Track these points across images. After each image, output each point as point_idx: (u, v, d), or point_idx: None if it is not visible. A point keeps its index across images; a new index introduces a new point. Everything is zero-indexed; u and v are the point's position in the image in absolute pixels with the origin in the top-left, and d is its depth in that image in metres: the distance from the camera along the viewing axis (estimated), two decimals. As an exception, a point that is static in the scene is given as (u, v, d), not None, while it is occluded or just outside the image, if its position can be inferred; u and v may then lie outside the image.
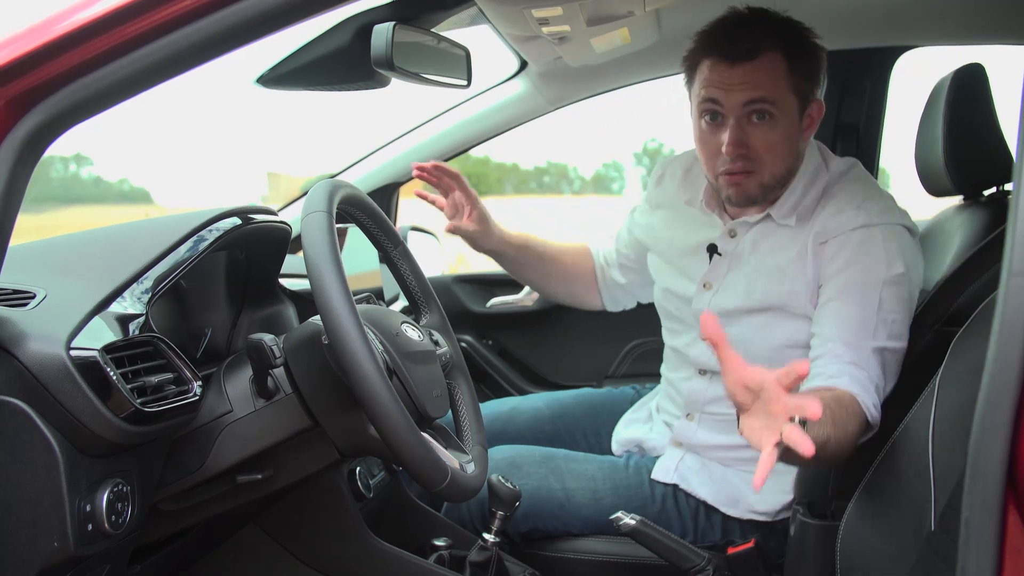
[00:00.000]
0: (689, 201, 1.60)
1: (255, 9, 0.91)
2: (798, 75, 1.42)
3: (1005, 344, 0.73)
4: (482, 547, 1.41)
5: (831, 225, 1.42)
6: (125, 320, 1.07)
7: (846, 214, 1.42)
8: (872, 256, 1.37)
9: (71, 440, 0.96)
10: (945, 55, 2.01)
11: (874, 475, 1.24)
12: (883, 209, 1.42)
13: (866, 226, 1.40)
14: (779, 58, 1.40)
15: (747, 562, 1.43)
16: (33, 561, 0.94)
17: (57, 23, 0.91)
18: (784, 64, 1.41)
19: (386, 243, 1.34)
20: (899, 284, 1.36)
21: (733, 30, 1.42)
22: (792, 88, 1.41)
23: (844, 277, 1.38)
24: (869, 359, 1.31)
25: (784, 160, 1.44)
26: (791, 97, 1.42)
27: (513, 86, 2.12)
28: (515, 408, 1.86)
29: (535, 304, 2.36)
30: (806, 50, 1.44)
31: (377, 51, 1.23)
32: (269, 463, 1.19)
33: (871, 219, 1.40)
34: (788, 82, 1.41)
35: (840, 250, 1.40)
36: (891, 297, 1.35)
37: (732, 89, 1.40)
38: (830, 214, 1.44)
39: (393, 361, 1.15)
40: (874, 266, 1.36)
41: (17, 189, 0.91)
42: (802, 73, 1.42)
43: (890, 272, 1.36)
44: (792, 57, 1.41)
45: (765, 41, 1.40)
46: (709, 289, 1.54)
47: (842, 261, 1.39)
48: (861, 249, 1.38)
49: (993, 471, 0.73)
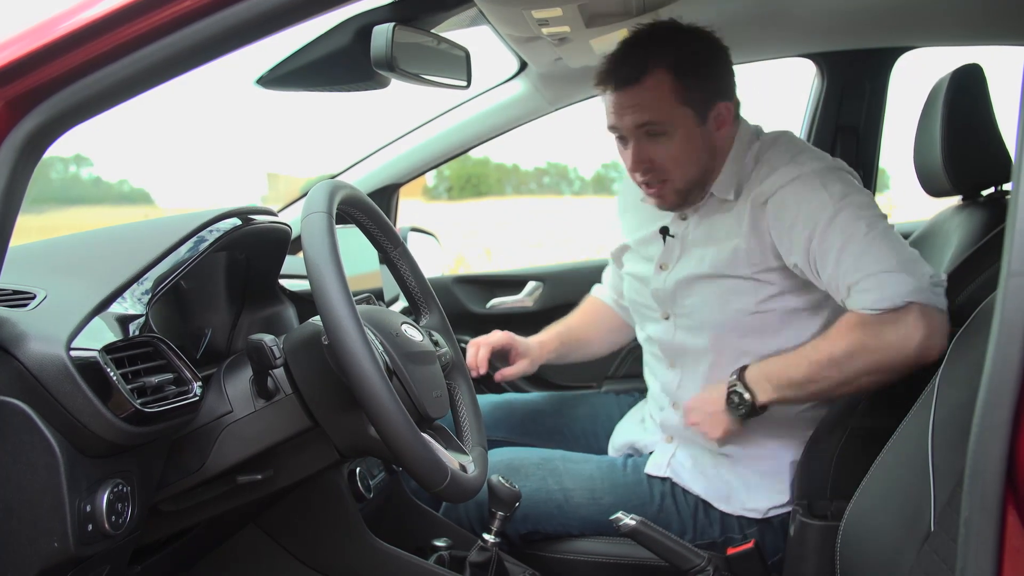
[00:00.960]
0: (644, 198, 1.62)
1: (255, 10, 0.91)
2: (688, 88, 1.45)
3: (1004, 344, 0.73)
4: (482, 548, 1.41)
5: (766, 185, 1.46)
6: (125, 320, 1.07)
7: (778, 171, 1.45)
8: (816, 199, 1.40)
9: (71, 440, 0.95)
10: (944, 56, 2.01)
11: (873, 475, 1.24)
12: (814, 158, 1.46)
13: (799, 177, 1.43)
14: (665, 76, 1.44)
15: (747, 562, 1.43)
16: (33, 561, 0.94)
17: (57, 24, 0.92)
18: (670, 81, 1.44)
19: (386, 244, 1.34)
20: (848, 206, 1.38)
21: (621, 55, 1.48)
22: (683, 101, 1.45)
23: (797, 232, 1.41)
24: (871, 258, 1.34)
25: (694, 165, 1.50)
26: (683, 109, 1.46)
27: (513, 87, 2.12)
28: (513, 401, 1.87)
29: (535, 305, 2.36)
30: (698, 60, 1.46)
31: (377, 52, 1.23)
32: (269, 464, 1.18)
33: (803, 170, 1.43)
34: (677, 97, 1.45)
35: (782, 205, 1.43)
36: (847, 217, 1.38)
37: (624, 113, 1.47)
38: (763, 176, 1.47)
39: (393, 362, 1.15)
40: (821, 204, 1.39)
41: (17, 190, 0.91)
42: (693, 85, 1.45)
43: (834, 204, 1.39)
44: (680, 71, 1.44)
45: (650, 61, 1.44)
46: (665, 270, 1.59)
47: (790, 217, 1.42)
48: (802, 197, 1.41)
49: (993, 471, 0.73)
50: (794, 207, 1.41)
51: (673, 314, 1.59)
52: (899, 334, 1.32)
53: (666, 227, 1.60)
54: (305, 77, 1.35)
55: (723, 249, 1.49)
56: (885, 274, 1.33)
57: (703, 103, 1.47)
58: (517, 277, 2.42)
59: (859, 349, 1.35)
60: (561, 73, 2.01)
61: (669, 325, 1.60)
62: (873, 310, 1.33)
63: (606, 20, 1.59)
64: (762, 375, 1.45)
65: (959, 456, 0.79)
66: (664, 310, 1.61)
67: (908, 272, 1.33)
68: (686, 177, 1.50)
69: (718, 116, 1.49)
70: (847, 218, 1.38)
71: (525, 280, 2.40)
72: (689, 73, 1.45)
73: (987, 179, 1.67)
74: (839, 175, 1.44)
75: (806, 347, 1.43)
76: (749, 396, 1.44)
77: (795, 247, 1.42)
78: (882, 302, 1.33)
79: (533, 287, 2.38)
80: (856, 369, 1.37)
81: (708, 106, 1.47)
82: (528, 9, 1.46)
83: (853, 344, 1.35)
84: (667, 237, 1.59)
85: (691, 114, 1.46)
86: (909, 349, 1.32)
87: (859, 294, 1.35)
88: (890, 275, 1.33)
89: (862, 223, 1.37)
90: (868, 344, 1.34)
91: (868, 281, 1.34)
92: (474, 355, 1.71)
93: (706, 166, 1.51)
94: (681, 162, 1.48)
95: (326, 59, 1.33)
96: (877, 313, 1.33)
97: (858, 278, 1.35)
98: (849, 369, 1.37)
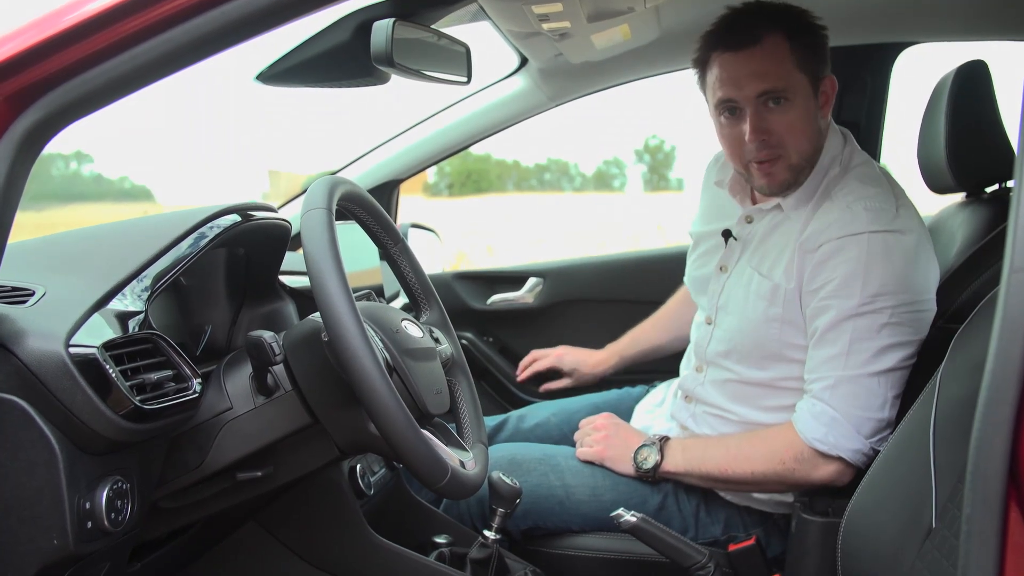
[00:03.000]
0: (719, 182, 1.63)
1: (255, 5, 0.91)
2: (803, 53, 1.44)
3: (1006, 340, 0.73)
4: (483, 544, 1.40)
5: (817, 228, 1.43)
6: (124, 317, 1.06)
7: (833, 215, 1.42)
8: (850, 284, 1.37)
9: (70, 437, 0.95)
10: (947, 51, 2.01)
11: (875, 471, 1.24)
12: (872, 215, 1.40)
13: (849, 236, 1.39)
14: (781, 39, 1.43)
15: (748, 559, 1.43)
16: (33, 559, 0.94)
17: (56, 20, 0.91)
18: (787, 44, 1.43)
19: (386, 240, 1.34)
20: (872, 312, 1.37)
21: (732, 23, 1.46)
22: (799, 67, 1.44)
23: (823, 306, 1.40)
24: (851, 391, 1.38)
25: (809, 139, 1.47)
26: (800, 76, 1.44)
27: (513, 83, 2.12)
28: (522, 417, 1.87)
29: (535, 301, 2.36)
30: (806, 26, 1.46)
31: (377, 47, 1.23)
32: (269, 460, 1.18)
33: (855, 228, 1.39)
34: (794, 61, 1.43)
35: (821, 266, 1.41)
36: (865, 326, 1.37)
37: (743, 83, 1.43)
38: (822, 214, 1.45)
39: (393, 358, 1.15)
40: (850, 292, 1.37)
41: (16, 186, 0.91)
42: (807, 50, 1.45)
43: (863, 298, 1.37)
44: (793, 36, 1.43)
45: (764, 27, 1.43)
46: (724, 272, 1.59)
47: (821, 280, 1.41)
48: (838, 269, 1.39)
49: (994, 467, 0.73)
50: (829, 271, 1.40)
51: (716, 324, 1.59)
52: (819, 472, 1.41)
53: (729, 230, 1.59)
54: (305, 73, 1.34)
55: (769, 274, 1.48)
56: (845, 422, 1.38)
57: (815, 72, 1.46)
58: (518, 273, 2.41)
59: (785, 474, 1.43)
60: (562, 69, 2.00)
61: (708, 331, 1.61)
62: (811, 443, 1.40)
63: (606, 15, 1.58)
64: (680, 446, 1.54)
65: (960, 452, 0.79)
66: (709, 314, 1.61)
67: (864, 431, 1.38)
68: (800, 151, 1.46)
69: (825, 91, 1.48)
70: (863, 329, 1.37)
71: (526, 276, 2.39)
72: (802, 38, 1.44)
73: (991, 176, 1.66)
74: (885, 249, 1.38)
75: (733, 438, 1.51)
76: (659, 458, 1.53)
77: (807, 301, 1.43)
78: (822, 444, 1.39)
79: (534, 283, 2.38)
80: (767, 482, 1.47)
81: (819, 77, 1.46)
82: (529, 4, 1.46)
83: (781, 471, 1.43)
84: (729, 239, 1.59)
85: (807, 82, 1.45)
86: (817, 482, 1.42)
87: (813, 415, 1.40)
88: (848, 426, 1.38)
89: (872, 346, 1.37)
90: (796, 472, 1.42)
91: (831, 413, 1.39)
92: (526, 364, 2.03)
93: (816, 145, 1.48)
94: (798, 133, 1.45)
95: (326, 55, 1.32)
96: (812, 448, 1.40)
97: (827, 397, 1.40)
98: (759, 478, 1.46)
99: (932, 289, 1.42)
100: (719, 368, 1.58)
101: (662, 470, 1.53)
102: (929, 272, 1.42)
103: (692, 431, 1.61)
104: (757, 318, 1.48)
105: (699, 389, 1.61)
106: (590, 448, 1.61)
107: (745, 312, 1.51)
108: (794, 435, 1.41)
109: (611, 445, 1.59)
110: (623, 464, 1.57)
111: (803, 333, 1.45)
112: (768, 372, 1.51)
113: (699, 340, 1.63)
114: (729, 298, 1.55)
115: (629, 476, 1.57)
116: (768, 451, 1.44)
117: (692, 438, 1.57)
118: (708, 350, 1.59)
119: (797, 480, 1.42)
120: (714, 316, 1.59)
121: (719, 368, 1.58)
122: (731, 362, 1.55)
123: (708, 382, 1.60)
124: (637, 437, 1.60)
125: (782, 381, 1.50)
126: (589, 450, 1.61)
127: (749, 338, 1.51)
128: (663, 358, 1.99)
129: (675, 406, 1.67)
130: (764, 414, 1.52)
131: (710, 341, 1.59)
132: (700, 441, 1.55)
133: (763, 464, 1.44)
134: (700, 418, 1.60)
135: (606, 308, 2.06)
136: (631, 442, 1.58)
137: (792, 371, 1.48)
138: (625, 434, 1.61)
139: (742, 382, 1.54)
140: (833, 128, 1.52)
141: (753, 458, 1.45)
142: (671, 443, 1.55)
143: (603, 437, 1.61)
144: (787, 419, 1.48)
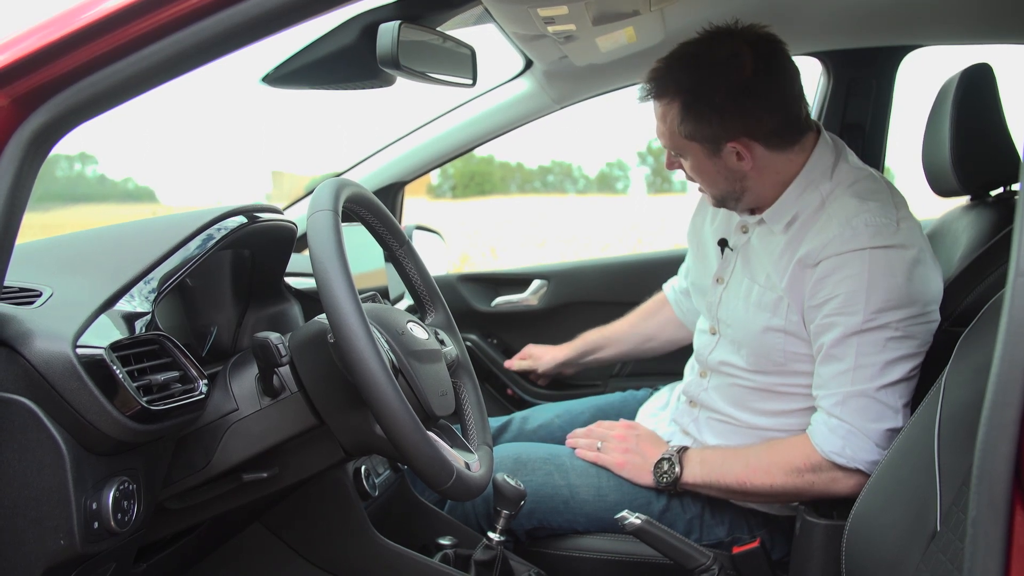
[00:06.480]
0: None
1: (261, 8, 0.91)
2: (695, 127, 1.42)
3: (1012, 343, 0.73)
4: (487, 546, 1.41)
5: (816, 244, 1.40)
6: (131, 318, 1.07)
7: (833, 231, 1.39)
8: (854, 300, 1.36)
9: (77, 438, 0.96)
10: (952, 55, 2.01)
11: (880, 474, 1.24)
12: (873, 229, 1.37)
13: (851, 252, 1.37)
14: (676, 108, 1.42)
15: (753, 561, 1.43)
16: (39, 559, 0.94)
17: (63, 22, 0.92)
18: (678, 114, 1.42)
19: (391, 242, 1.34)
20: (877, 328, 1.36)
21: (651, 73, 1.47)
22: (689, 136, 1.43)
23: (828, 323, 1.39)
24: (861, 406, 1.38)
25: (716, 185, 1.49)
26: (692, 144, 1.44)
27: (518, 85, 2.12)
28: (526, 418, 1.87)
29: (540, 303, 2.36)
30: (711, 99, 1.40)
31: (383, 50, 1.23)
32: (274, 461, 1.19)
33: (857, 244, 1.37)
34: (684, 132, 1.43)
35: (822, 281, 1.39)
36: (870, 341, 1.37)
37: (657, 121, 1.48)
38: (818, 230, 1.42)
39: (399, 360, 1.15)
40: (854, 308, 1.36)
41: (23, 187, 0.91)
42: (700, 123, 1.41)
43: (867, 314, 1.35)
44: (689, 106, 1.41)
45: (666, 85, 1.43)
46: (720, 284, 1.58)
47: (823, 296, 1.39)
48: (840, 285, 1.37)
49: (1000, 470, 0.73)
50: (831, 287, 1.38)
51: (720, 334, 1.58)
52: (838, 486, 1.40)
53: (725, 240, 1.59)
54: (310, 75, 1.34)
55: (767, 288, 1.48)
56: (860, 434, 1.37)
57: (715, 141, 1.42)
58: (522, 275, 2.42)
59: (804, 487, 1.42)
60: (566, 71, 2.01)
61: (711, 340, 1.60)
62: (829, 456, 1.39)
63: (612, 18, 1.58)
64: (698, 457, 1.52)
65: (965, 455, 0.79)
66: (712, 324, 1.61)
67: (880, 442, 1.37)
68: (712, 192, 1.51)
69: (736, 151, 1.43)
70: (868, 344, 1.37)
71: (530, 278, 2.40)
72: (696, 111, 1.41)
73: (996, 179, 1.66)
74: (888, 264, 1.36)
75: (751, 449, 1.49)
76: (678, 471, 1.52)
77: (811, 316, 1.42)
78: (840, 457, 1.38)
79: (538, 285, 2.38)
80: (787, 495, 1.45)
81: (718, 144, 1.43)
82: (534, 7, 1.46)
83: (800, 484, 1.42)
84: (725, 249, 1.59)
85: (698, 148, 1.44)
86: (836, 495, 1.40)
87: (829, 428, 1.39)
88: (863, 437, 1.37)
89: (878, 360, 1.37)
90: (815, 486, 1.41)
91: (845, 426, 1.38)
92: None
93: (735, 187, 1.47)
94: (707, 180, 1.49)
95: (332, 57, 1.33)
96: (830, 461, 1.39)
97: (838, 412, 1.39)
98: (779, 491, 1.45)
99: (936, 300, 1.41)
100: (722, 375, 1.57)
101: (682, 483, 1.52)
102: (932, 283, 1.41)
103: (694, 436, 1.61)
104: (759, 329, 1.48)
105: (703, 395, 1.60)
106: (607, 456, 1.60)
107: (746, 324, 1.50)
108: (811, 448, 1.40)
109: (630, 460, 1.58)
110: (642, 477, 1.56)
111: (806, 343, 1.45)
112: (771, 379, 1.50)
113: (701, 348, 1.63)
114: (729, 311, 1.55)
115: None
116: (787, 464, 1.43)
117: (709, 449, 1.56)
118: (710, 358, 1.59)
119: (817, 493, 1.41)
120: (717, 327, 1.59)
121: (722, 375, 1.57)
122: (734, 369, 1.54)
123: (712, 388, 1.59)
124: (655, 449, 1.58)
125: (785, 387, 1.49)
126: (607, 457, 1.60)
127: (752, 349, 1.50)
128: (663, 359, 2.00)
129: (678, 410, 1.67)
130: (768, 419, 1.52)
131: (712, 350, 1.59)
132: (718, 453, 1.53)
133: (782, 477, 1.43)
134: (703, 423, 1.60)
135: (610, 310, 2.05)
136: (649, 455, 1.57)
137: (796, 378, 1.48)
138: (645, 447, 1.60)
139: (745, 388, 1.54)
140: (824, 139, 1.49)
141: (772, 471, 1.44)
142: (689, 455, 1.53)
143: (623, 450, 1.60)
144: (791, 424, 1.48)
